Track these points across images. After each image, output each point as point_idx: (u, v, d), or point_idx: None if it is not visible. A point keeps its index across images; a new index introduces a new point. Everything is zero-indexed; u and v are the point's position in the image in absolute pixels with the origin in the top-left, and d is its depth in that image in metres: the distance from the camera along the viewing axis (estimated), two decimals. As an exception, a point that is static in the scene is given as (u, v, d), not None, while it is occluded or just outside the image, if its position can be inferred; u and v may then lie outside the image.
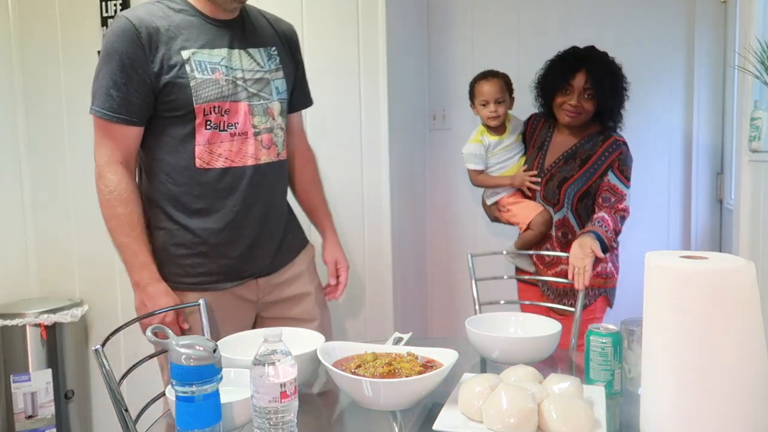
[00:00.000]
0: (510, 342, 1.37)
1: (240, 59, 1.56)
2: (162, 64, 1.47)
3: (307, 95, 1.83)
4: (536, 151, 2.22)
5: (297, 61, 1.74)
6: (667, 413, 0.94)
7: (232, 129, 1.53)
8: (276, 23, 1.70)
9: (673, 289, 0.92)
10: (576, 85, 2.06)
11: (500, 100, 2.23)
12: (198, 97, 1.48)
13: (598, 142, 2.11)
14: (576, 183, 2.09)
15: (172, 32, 1.49)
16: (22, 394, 2.39)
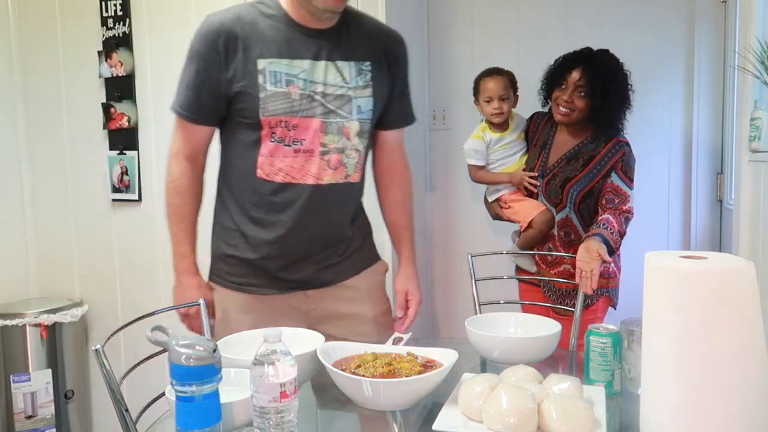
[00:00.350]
0: (510, 342, 1.37)
1: (324, 72, 1.48)
2: (236, 72, 1.46)
3: (407, 113, 1.68)
4: (538, 150, 2.22)
5: (396, 77, 1.60)
6: (667, 413, 0.94)
7: (297, 145, 1.48)
8: (380, 36, 1.58)
9: (673, 289, 0.91)
10: (570, 80, 2.08)
11: (504, 97, 2.24)
12: (265, 109, 1.46)
13: (601, 143, 2.12)
14: (579, 183, 2.10)
15: (254, 39, 1.46)
16: (22, 394, 2.39)
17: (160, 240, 2.51)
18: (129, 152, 2.49)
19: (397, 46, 1.60)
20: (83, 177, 2.59)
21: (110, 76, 2.48)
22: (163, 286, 2.51)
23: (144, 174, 2.49)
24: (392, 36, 1.61)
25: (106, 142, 2.52)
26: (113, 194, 2.54)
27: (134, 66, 2.46)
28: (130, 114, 2.47)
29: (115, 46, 2.45)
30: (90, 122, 2.54)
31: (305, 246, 1.54)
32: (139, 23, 2.43)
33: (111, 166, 2.52)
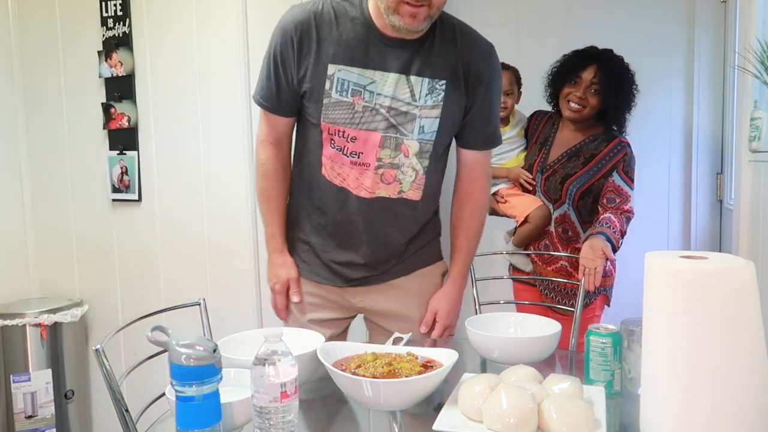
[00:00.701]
0: (510, 342, 1.37)
1: (394, 85, 1.43)
2: (307, 72, 1.46)
3: (488, 135, 1.57)
4: (539, 147, 2.23)
5: (475, 98, 1.50)
6: (667, 413, 0.94)
7: (354, 158, 1.48)
8: (467, 50, 1.47)
9: (673, 289, 0.91)
10: (584, 77, 2.09)
11: (509, 92, 2.24)
12: (326, 116, 1.46)
13: (603, 142, 2.13)
14: (579, 180, 2.10)
15: (329, 42, 1.43)
16: (22, 394, 2.39)
17: (160, 240, 2.51)
18: (129, 152, 2.49)
19: (483, 66, 1.49)
20: (83, 177, 2.59)
21: (110, 76, 2.48)
22: (164, 286, 2.51)
23: (144, 174, 2.49)
24: (482, 54, 1.49)
25: (106, 142, 2.52)
26: (113, 194, 2.54)
27: (134, 66, 2.46)
28: (130, 114, 2.47)
29: (115, 46, 2.45)
30: (90, 122, 2.54)
31: (354, 247, 1.57)
32: (139, 23, 2.43)
33: (111, 166, 2.52)
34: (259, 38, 2.32)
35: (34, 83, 2.61)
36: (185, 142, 2.42)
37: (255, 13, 2.31)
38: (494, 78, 1.52)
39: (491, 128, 1.56)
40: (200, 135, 2.41)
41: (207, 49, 2.36)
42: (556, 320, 1.44)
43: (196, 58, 2.38)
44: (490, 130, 1.56)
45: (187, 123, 2.41)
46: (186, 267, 2.47)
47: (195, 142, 2.41)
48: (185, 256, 2.47)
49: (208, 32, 2.36)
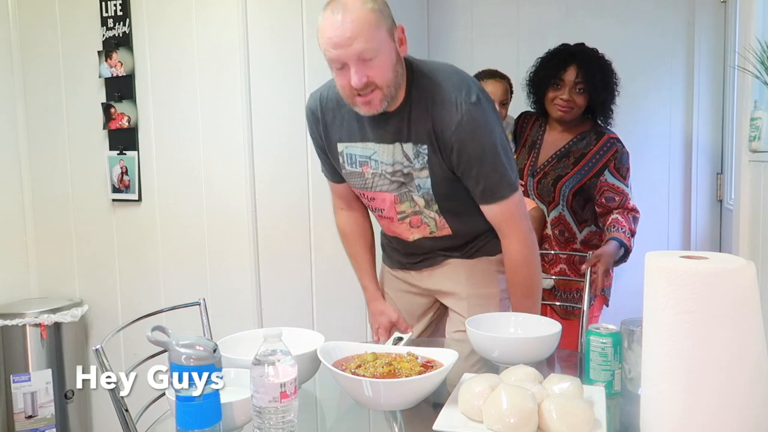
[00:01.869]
0: (510, 342, 1.37)
1: (392, 153, 1.51)
2: (328, 149, 1.61)
3: (479, 191, 1.51)
4: (528, 150, 2.22)
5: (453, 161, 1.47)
6: (667, 413, 0.94)
7: (379, 212, 1.64)
8: (436, 117, 1.44)
9: (673, 289, 0.91)
10: (567, 79, 2.08)
11: (504, 102, 2.26)
12: (349, 182, 1.64)
13: (592, 141, 2.12)
14: (571, 180, 2.10)
15: (335, 124, 1.56)
16: (22, 394, 2.39)
17: (160, 240, 2.51)
18: (129, 152, 2.49)
19: (451, 135, 1.43)
20: (83, 177, 2.59)
21: (110, 76, 2.48)
22: (163, 286, 2.51)
23: (144, 174, 2.49)
24: (450, 123, 1.43)
25: (106, 142, 2.52)
26: (113, 194, 2.54)
27: (134, 66, 2.46)
28: (130, 114, 2.47)
29: (115, 46, 2.45)
30: (90, 122, 2.54)
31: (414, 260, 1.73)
32: (139, 23, 2.43)
33: (111, 166, 2.52)
34: (259, 38, 2.32)
35: (34, 83, 2.61)
36: (185, 142, 2.42)
37: (255, 13, 2.31)
38: (467, 143, 1.44)
39: (481, 186, 1.50)
40: (200, 135, 2.41)
41: (207, 49, 2.36)
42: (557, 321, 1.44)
43: (196, 58, 2.38)
44: (480, 188, 1.50)
45: (187, 123, 2.41)
46: (186, 267, 2.47)
47: (195, 142, 2.41)
48: (185, 256, 2.47)
49: (208, 32, 2.36)
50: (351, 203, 1.73)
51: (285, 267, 2.39)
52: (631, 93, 2.68)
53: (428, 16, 2.91)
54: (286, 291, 2.40)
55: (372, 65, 1.35)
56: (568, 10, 2.74)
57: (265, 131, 2.36)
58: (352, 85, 1.35)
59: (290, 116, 2.34)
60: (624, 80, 2.68)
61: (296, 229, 2.38)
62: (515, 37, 2.82)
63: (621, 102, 2.69)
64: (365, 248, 1.76)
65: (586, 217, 2.14)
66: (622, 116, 2.69)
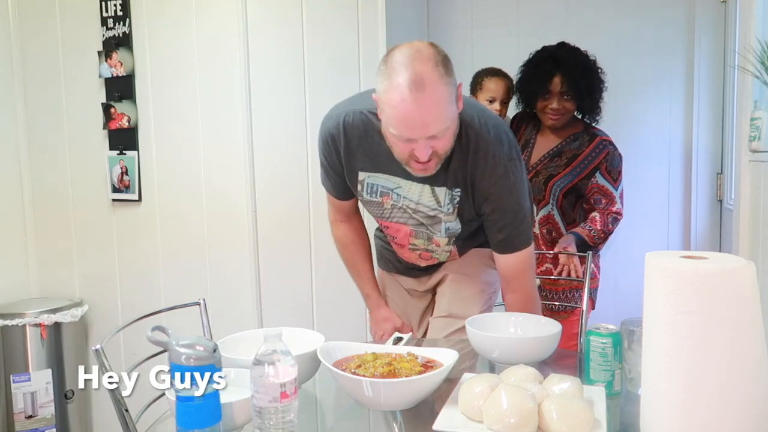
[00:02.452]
0: (510, 342, 1.37)
1: (419, 193, 1.49)
2: (345, 174, 1.55)
3: (498, 240, 1.52)
4: (521, 149, 2.23)
5: (482, 209, 1.49)
6: (667, 413, 0.94)
7: (392, 238, 1.65)
8: (475, 167, 1.44)
9: (673, 289, 0.91)
10: (554, 89, 2.10)
11: (505, 100, 2.26)
12: (365, 208, 1.63)
13: (585, 142, 2.14)
14: (562, 180, 2.12)
15: (359, 153, 1.49)
16: (22, 394, 2.39)
17: (160, 240, 2.51)
18: (129, 152, 2.49)
19: (488, 186, 1.45)
20: (83, 177, 2.59)
21: (110, 76, 2.48)
22: (163, 286, 2.51)
23: (144, 174, 2.49)
24: (487, 175, 1.43)
25: (106, 142, 2.52)
26: (113, 194, 2.54)
27: (134, 66, 2.46)
28: (130, 114, 2.47)
29: (115, 46, 2.45)
30: (90, 122, 2.54)
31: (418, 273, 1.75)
32: (139, 23, 2.43)
33: (111, 166, 2.52)
34: (259, 38, 2.32)
35: (34, 83, 2.61)
36: (185, 142, 2.42)
37: (255, 13, 2.31)
38: (502, 197, 1.46)
39: (503, 236, 1.50)
40: (200, 135, 2.41)
41: (207, 49, 2.36)
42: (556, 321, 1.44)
43: (196, 58, 2.38)
44: (501, 237, 1.51)
45: (187, 123, 2.41)
46: (186, 267, 2.47)
47: (195, 142, 2.41)
48: (185, 256, 2.47)
49: (208, 32, 2.36)
50: (350, 217, 1.72)
51: (285, 267, 2.39)
52: (631, 93, 2.69)
53: (428, 16, 2.91)
54: (286, 291, 2.40)
55: (440, 139, 1.31)
56: (569, 9, 2.74)
57: (265, 131, 2.36)
58: (416, 154, 1.32)
59: (290, 116, 2.34)
60: (624, 80, 2.69)
61: (296, 229, 2.38)
62: (515, 36, 2.82)
63: (621, 102, 2.70)
64: (365, 257, 1.76)
65: (574, 218, 2.17)
66: (622, 116, 2.70)
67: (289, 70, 2.33)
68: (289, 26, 2.32)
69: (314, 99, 2.03)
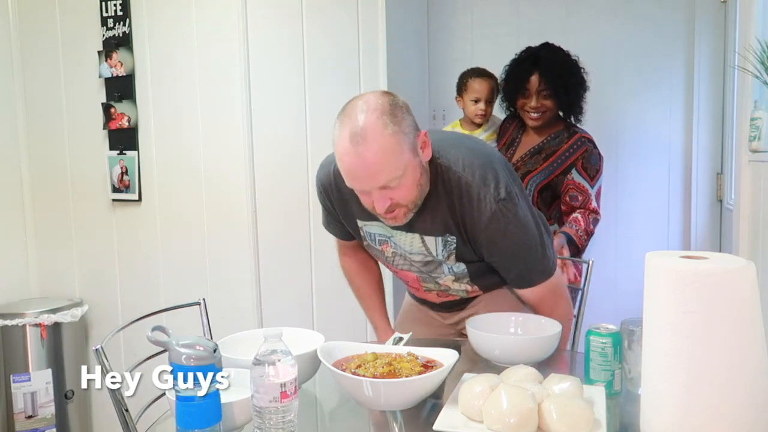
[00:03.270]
0: (510, 342, 1.37)
1: (410, 243, 1.46)
2: (345, 220, 1.55)
3: (511, 278, 1.48)
4: (505, 149, 2.28)
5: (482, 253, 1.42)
6: (667, 413, 0.94)
7: (405, 282, 1.64)
8: (465, 212, 1.38)
9: (673, 289, 0.91)
10: (531, 88, 2.13)
11: (490, 100, 2.32)
12: (371, 253, 1.60)
13: (564, 139, 2.16)
14: (538, 175, 2.14)
15: (352, 205, 1.47)
16: (22, 394, 2.39)
17: (160, 240, 2.51)
18: (129, 152, 2.49)
19: (480, 231, 1.38)
20: (83, 177, 2.59)
21: (110, 76, 2.48)
22: (163, 286, 2.51)
23: (144, 174, 2.49)
24: (480, 220, 1.37)
25: (106, 142, 2.52)
26: (113, 194, 2.54)
27: (134, 66, 2.46)
28: (130, 114, 2.47)
29: (115, 46, 2.45)
30: (90, 122, 2.54)
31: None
32: (139, 23, 2.43)
33: (111, 166, 2.52)
34: (259, 38, 2.32)
35: (34, 83, 2.61)
36: (185, 142, 2.42)
37: (255, 13, 2.31)
38: (498, 240, 1.39)
39: (514, 274, 1.46)
40: (200, 135, 2.40)
41: (207, 49, 2.36)
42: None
43: (196, 58, 2.38)
44: (513, 275, 1.47)
45: (187, 123, 2.41)
46: (186, 267, 2.47)
47: (195, 142, 2.41)
48: (185, 256, 2.47)
49: (208, 32, 2.36)
50: (356, 251, 1.67)
51: (285, 267, 2.39)
52: (631, 93, 2.69)
53: (428, 16, 2.91)
54: (286, 291, 2.40)
55: (396, 190, 1.29)
56: (569, 10, 2.74)
57: (265, 131, 2.36)
58: (375, 208, 1.32)
59: (290, 116, 2.34)
60: (624, 80, 2.69)
61: (296, 229, 2.38)
62: (515, 36, 2.82)
63: (621, 102, 2.70)
64: (373, 286, 1.72)
65: (551, 215, 2.17)
66: (622, 116, 2.70)
67: (289, 70, 2.33)
68: (289, 26, 2.32)
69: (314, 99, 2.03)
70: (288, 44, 2.32)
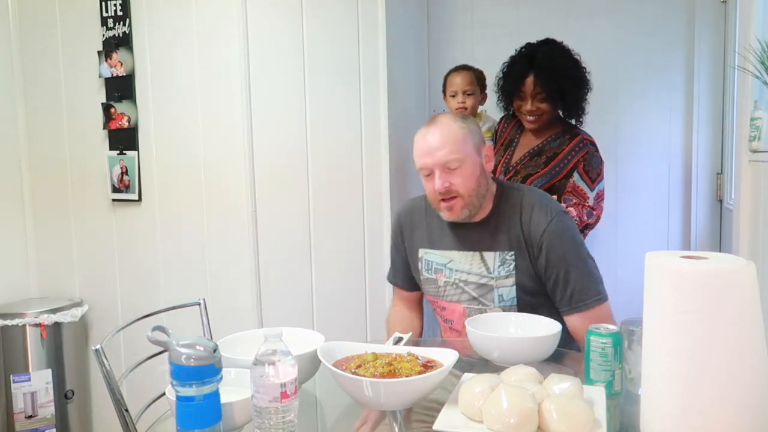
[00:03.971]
0: (510, 342, 1.37)
1: (469, 262, 1.60)
2: (406, 249, 1.73)
3: (566, 296, 1.54)
4: (504, 149, 2.24)
5: (541, 264, 1.54)
6: (667, 413, 0.94)
7: (449, 324, 1.68)
8: (527, 222, 1.55)
9: (673, 289, 0.91)
10: (526, 90, 2.09)
11: (469, 92, 2.28)
12: (424, 290, 1.72)
13: (565, 141, 2.11)
14: (541, 179, 2.10)
15: (419, 231, 1.70)
16: (22, 394, 2.39)
17: (160, 240, 2.51)
18: (129, 152, 2.49)
19: (542, 235, 1.53)
20: (83, 177, 2.59)
21: (110, 76, 2.48)
22: (163, 286, 2.51)
23: (144, 174, 2.49)
24: (540, 225, 1.54)
25: (106, 142, 2.52)
26: (113, 194, 2.54)
27: (134, 66, 2.46)
28: (130, 114, 2.47)
29: (115, 46, 2.45)
30: (90, 122, 2.54)
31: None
32: (139, 23, 2.43)
33: (111, 166, 2.52)
34: (259, 38, 2.32)
35: (34, 83, 2.61)
36: (185, 142, 2.42)
37: (255, 13, 2.31)
38: (556, 245, 1.53)
39: (569, 290, 1.53)
40: (200, 135, 2.40)
41: (207, 49, 2.36)
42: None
43: (196, 58, 2.37)
44: (568, 292, 1.54)
45: (187, 123, 2.41)
46: (186, 267, 2.47)
47: (195, 142, 2.41)
48: (185, 256, 2.47)
49: (208, 32, 2.36)
50: (410, 303, 1.81)
51: (285, 267, 2.39)
52: (631, 92, 2.69)
53: (428, 16, 2.91)
54: (286, 291, 2.40)
55: (455, 174, 1.51)
56: (568, 10, 2.74)
57: (265, 131, 2.36)
58: (436, 189, 1.51)
59: (290, 116, 2.34)
60: (624, 80, 2.69)
61: (296, 229, 2.38)
62: (515, 37, 2.81)
63: (621, 102, 2.70)
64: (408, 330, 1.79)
65: None
66: (622, 116, 2.70)
67: (289, 71, 2.32)
68: (289, 26, 2.32)
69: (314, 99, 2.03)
70: (288, 44, 2.32)
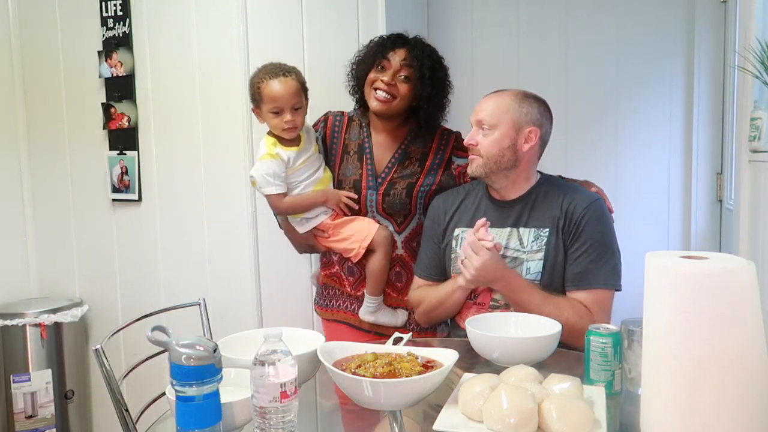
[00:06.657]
0: (510, 342, 1.37)
1: (507, 238, 1.67)
2: (444, 236, 1.77)
3: (594, 271, 1.59)
4: (356, 158, 1.93)
5: (572, 239, 1.62)
6: (667, 413, 0.94)
7: (474, 300, 1.71)
8: (569, 203, 1.65)
9: (673, 289, 0.91)
10: (393, 61, 1.81)
11: (297, 106, 1.81)
12: (453, 268, 1.74)
13: (429, 139, 1.92)
14: (425, 185, 1.88)
15: (459, 212, 1.77)
16: (22, 394, 2.39)
17: (160, 240, 2.51)
18: (129, 152, 2.49)
19: (582, 215, 1.63)
20: (83, 177, 2.59)
21: (110, 76, 2.48)
22: (163, 286, 2.51)
23: (144, 174, 2.49)
24: (580, 205, 1.64)
25: (106, 142, 2.52)
26: (113, 194, 2.54)
27: (134, 66, 2.46)
28: (130, 114, 2.47)
29: (115, 46, 2.45)
30: (90, 122, 2.54)
31: None
32: (139, 23, 2.43)
33: (111, 166, 2.52)
34: (259, 38, 2.32)
35: (34, 83, 2.61)
36: (185, 142, 2.42)
37: (255, 13, 2.31)
38: (592, 224, 1.63)
39: (579, 268, 1.61)
40: (200, 135, 2.40)
41: (207, 49, 2.36)
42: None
43: (196, 58, 2.37)
44: (577, 270, 1.61)
45: (187, 123, 2.41)
46: (186, 267, 2.47)
47: (195, 142, 2.41)
48: (185, 256, 2.47)
49: (208, 32, 2.36)
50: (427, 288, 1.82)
51: (285, 267, 2.39)
52: (630, 92, 2.69)
53: (428, 16, 2.91)
54: (286, 291, 2.40)
55: (484, 134, 1.65)
56: (568, 10, 2.74)
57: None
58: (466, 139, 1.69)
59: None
60: (623, 79, 2.69)
61: (296, 229, 2.38)
62: (515, 36, 2.82)
63: (621, 101, 2.70)
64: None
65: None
66: (621, 115, 2.70)
67: (289, 70, 2.32)
68: (289, 27, 2.32)
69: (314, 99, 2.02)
70: (288, 45, 2.32)
